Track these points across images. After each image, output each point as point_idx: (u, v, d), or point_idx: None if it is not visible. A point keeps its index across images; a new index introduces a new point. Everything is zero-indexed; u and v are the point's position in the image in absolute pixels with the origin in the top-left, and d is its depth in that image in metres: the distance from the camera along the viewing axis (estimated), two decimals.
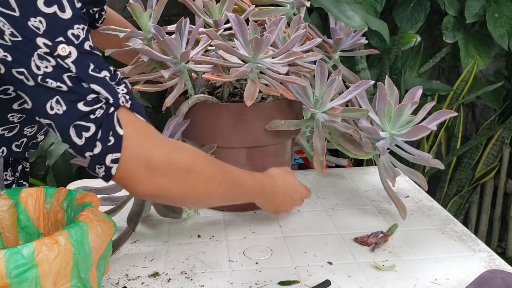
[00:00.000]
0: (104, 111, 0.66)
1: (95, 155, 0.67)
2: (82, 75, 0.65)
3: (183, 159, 0.73)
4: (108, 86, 0.67)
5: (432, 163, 0.99)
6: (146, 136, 0.70)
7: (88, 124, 0.66)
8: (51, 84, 0.64)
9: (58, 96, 0.65)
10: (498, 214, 2.47)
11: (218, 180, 0.79)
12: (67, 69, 0.65)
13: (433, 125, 0.94)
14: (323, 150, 0.98)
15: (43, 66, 0.64)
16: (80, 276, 0.62)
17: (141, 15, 1.00)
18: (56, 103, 0.65)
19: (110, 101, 0.67)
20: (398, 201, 1.02)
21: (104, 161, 0.67)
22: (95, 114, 0.66)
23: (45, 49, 0.64)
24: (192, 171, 0.74)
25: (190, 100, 0.98)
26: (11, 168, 0.89)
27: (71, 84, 0.65)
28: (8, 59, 0.64)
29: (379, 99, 0.97)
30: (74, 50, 0.65)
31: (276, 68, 0.94)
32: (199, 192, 0.77)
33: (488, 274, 0.78)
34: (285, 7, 1.12)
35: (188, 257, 0.90)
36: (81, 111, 0.65)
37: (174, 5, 1.52)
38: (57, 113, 0.65)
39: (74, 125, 0.65)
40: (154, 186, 0.70)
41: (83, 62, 0.66)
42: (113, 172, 0.68)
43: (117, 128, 0.67)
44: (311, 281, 0.82)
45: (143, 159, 0.68)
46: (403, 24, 2.14)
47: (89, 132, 0.66)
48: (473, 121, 2.63)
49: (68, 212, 0.72)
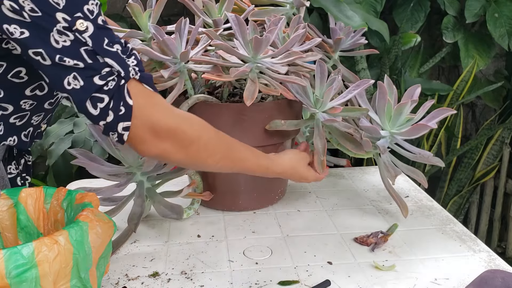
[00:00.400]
0: (116, 83, 0.71)
1: (108, 123, 0.72)
2: (97, 49, 0.70)
3: (188, 130, 0.78)
4: (120, 59, 0.71)
5: (432, 161, 0.99)
6: (154, 105, 0.75)
7: (102, 96, 0.71)
8: (68, 63, 0.68)
9: (75, 73, 0.69)
10: (498, 214, 2.47)
11: (219, 156, 0.83)
12: (84, 43, 0.69)
13: (433, 123, 0.94)
14: (324, 149, 0.98)
15: (61, 41, 0.68)
16: (80, 276, 0.62)
17: (140, 15, 1.00)
18: (74, 79, 0.69)
19: (122, 74, 0.71)
20: (399, 199, 1.02)
21: (116, 129, 0.72)
22: (108, 86, 0.71)
23: (64, 24, 0.67)
24: (194, 143, 0.79)
25: (189, 100, 0.98)
26: (15, 161, 0.90)
27: (87, 57, 0.69)
28: (25, 35, 0.67)
29: (379, 98, 0.97)
30: (91, 25, 0.69)
31: (276, 68, 0.94)
32: (200, 162, 0.82)
33: (488, 274, 0.77)
34: (284, 7, 1.12)
35: (188, 257, 0.90)
36: (97, 84, 0.70)
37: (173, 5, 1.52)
38: (75, 88, 0.70)
39: (91, 98, 0.70)
40: (159, 149, 0.76)
41: (98, 37, 0.70)
42: (125, 138, 0.73)
43: (127, 99, 0.72)
44: (311, 281, 0.82)
45: (150, 126, 0.74)
46: (403, 24, 2.14)
47: (103, 102, 0.71)
48: (473, 121, 2.63)
49: (68, 212, 0.72)
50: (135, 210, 0.94)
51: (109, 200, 0.98)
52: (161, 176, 0.99)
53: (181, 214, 0.97)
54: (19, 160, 0.91)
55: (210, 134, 0.82)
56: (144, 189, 0.97)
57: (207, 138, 0.81)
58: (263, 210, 1.09)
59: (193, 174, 1.05)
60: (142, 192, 0.97)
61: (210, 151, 0.82)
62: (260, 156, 0.91)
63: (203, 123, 0.82)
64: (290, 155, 0.97)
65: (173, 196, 0.99)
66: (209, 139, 0.82)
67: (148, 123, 0.73)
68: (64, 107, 1.89)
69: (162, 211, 0.96)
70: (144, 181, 0.97)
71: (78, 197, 0.72)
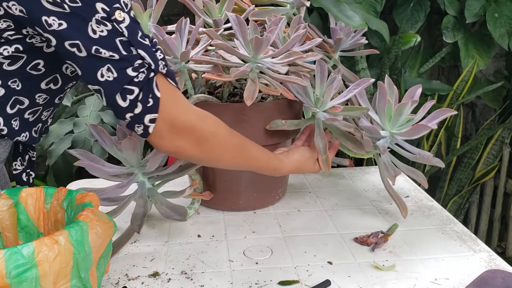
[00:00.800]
0: (145, 75, 0.72)
1: (136, 115, 0.73)
2: (132, 40, 0.71)
3: (204, 128, 0.80)
4: (151, 52, 0.73)
5: (432, 161, 0.99)
6: (176, 102, 0.77)
7: (133, 87, 0.72)
8: (104, 54, 0.69)
9: (109, 64, 0.70)
10: (498, 214, 2.47)
11: (232, 154, 0.86)
12: (121, 33, 0.70)
13: (433, 123, 0.94)
14: (325, 148, 0.98)
15: (99, 31, 0.69)
16: (80, 276, 0.62)
17: (141, 15, 1.00)
18: (107, 70, 0.70)
19: (152, 67, 0.73)
20: (399, 199, 1.02)
21: (143, 120, 0.73)
22: (138, 78, 0.72)
23: (103, 14, 0.69)
24: (210, 140, 0.81)
25: (190, 100, 0.97)
26: (20, 157, 0.90)
27: (122, 49, 0.70)
28: (63, 26, 0.68)
29: (379, 98, 0.97)
30: (127, 17, 0.71)
31: (276, 68, 0.94)
32: (214, 159, 0.85)
33: (488, 274, 0.78)
34: (285, 7, 1.12)
35: (188, 257, 0.90)
36: (130, 76, 0.71)
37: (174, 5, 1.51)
38: (108, 80, 0.71)
39: (122, 90, 0.71)
40: (174, 146, 0.78)
41: (133, 28, 0.71)
42: (151, 130, 0.74)
43: (156, 91, 0.73)
44: (311, 281, 0.82)
45: (171, 122, 0.75)
46: (403, 24, 2.14)
47: (133, 94, 0.72)
48: (473, 121, 2.63)
49: (68, 212, 0.72)
50: (138, 211, 0.94)
51: (109, 200, 0.97)
52: (162, 177, 0.99)
53: (184, 216, 0.97)
54: (24, 156, 0.92)
55: (224, 132, 0.84)
56: (145, 189, 0.97)
57: (221, 135, 0.83)
58: (263, 210, 1.09)
59: (193, 174, 1.05)
60: (144, 192, 0.97)
61: (224, 148, 0.84)
62: (270, 156, 0.93)
63: (218, 121, 0.84)
64: (298, 155, 0.98)
65: (174, 197, 0.99)
66: (223, 137, 0.83)
67: (169, 118, 0.75)
68: (64, 107, 1.89)
69: (164, 212, 0.96)
70: (146, 181, 0.97)
71: (78, 197, 0.72)
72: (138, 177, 0.97)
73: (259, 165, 0.91)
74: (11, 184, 0.95)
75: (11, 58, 0.76)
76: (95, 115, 1.79)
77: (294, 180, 1.23)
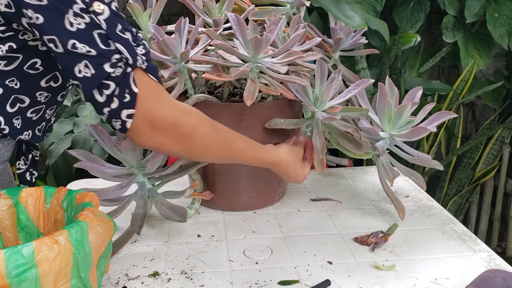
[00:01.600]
0: (122, 70, 0.71)
1: (113, 110, 0.72)
2: (111, 33, 0.70)
3: (186, 125, 0.79)
4: (130, 47, 0.72)
5: (431, 164, 0.99)
6: (156, 98, 0.76)
7: (109, 82, 0.71)
8: (81, 50, 0.68)
9: (87, 61, 0.69)
10: (498, 213, 2.47)
11: (217, 149, 0.85)
12: (99, 25, 0.69)
13: (432, 126, 0.94)
14: (322, 148, 0.98)
15: (76, 23, 0.68)
16: (80, 276, 0.62)
17: (140, 14, 1.00)
18: (85, 67, 0.70)
19: (130, 62, 0.72)
20: (396, 201, 1.02)
21: (120, 116, 0.73)
22: (115, 73, 0.71)
23: (81, 5, 0.68)
24: (192, 137, 0.80)
25: (190, 100, 0.97)
26: (23, 156, 0.90)
27: (100, 42, 0.69)
28: (39, 21, 0.67)
29: (380, 99, 0.97)
30: (107, 9, 0.70)
31: (276, 67, 0.94)
32: (197, 155, 0.85)
33: (488, 273, 0.78)
34: (284, 7, 1.12)
35: (188, 257, 0.90)
36: (107, 72, 0.70)
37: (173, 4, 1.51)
38: (86, 76, 0.70)
39: (99, 85, 0.71)
40: (155, 142, 0.77)
41: (113, 21, 0.70)
42: (128, 126, 0.74)
43: (133, 87, 0.72)
44: (311, 280, 0.82)
45: (149, 118, 0.74)
46: (403, 23, 2.14)
47: (109, 89, 0.71)
48: (473, 120, 2.63)
49: (68, 212, 0.72)
50: (138, 212, 0.94)
51: (109, 200, 0.97)
52: (162, 177, 0.99)
53: (184, 216, 0.96)
54: (27, 156, 0.92)
55: (207, 127, 0.82)
56: (146, 190, 0.97)
57: (203, 132, 0.82)
58: (263, 210, 1.09)
59: (194, 174, 1.05)
60: (144, 193, 0.96)
61: (207, 145, 0.83)
62: (257, 147, 0.93)
63: (202, 117, 0.82)
64: (287, 149, 0.98)
65: (174, 197, 0.99)
66: (206, 133, 0.82)
67: (148, 114, 0.74)
68: (64, 106, 1.89)
69: (164, 213, 0.96)
70: (146, 182, 0.97)
71: (78, 197, 0.72)
72: (138, 178, 0.97)
73: (246, 157, 0.91)
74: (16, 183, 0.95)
75: (7, 59, 0.76)
76: (95, 115, 1.79)
77: None
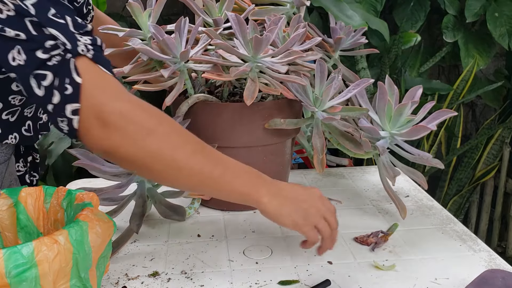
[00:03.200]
0: (61, 58, 0.63)
1: (56, 105, 0.63)
2: (41, 18, 0.62)
3: (144, 118, 0.66)
4: (68, 32, 0.64)
5: (432, 162, 0.99)
6: (105, 87, 0.65)
7: (45, 72, 0.63)
8: (9, 33, 0.62)
9: (19, 46, 0.62)
10: (498, 213, 2.47)
11: (190, 149, 0.69)
12: (26, 11, 0.62)
13: (433, 124, 0.94)
14: (322, 148, 0.98)
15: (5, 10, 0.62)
16: (79, 276, 0.62)
17: (140, 14, 1.00)
18: (18, 53, 0.63)
19: (67, 47, 0.63)
20: (398, 200, 1.02)
21: (64, 113, 0.63)
22: (51, 61, 0.63)
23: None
24: (154, 132, 0.66)
25: (190, 99, 0.97)
26: (22, 159, 0.89)
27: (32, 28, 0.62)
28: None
29: (379, 99, 0.97)
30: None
31: (276, 67, 0.94)
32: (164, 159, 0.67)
33: (488, 273, 0.77)
34: (285, 6, 1.12)
35: (188, 257, 0.90)
36: (40, 58, 0.63)
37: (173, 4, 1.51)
38: (19, 64, 0.63)
39: (35, 75, 0.63)
40: (107, 142, 0.64)
41: (43, 5, 0.63)
42: (75, 125, 0.64)
43: (74, 76, 0.63)
44: (311, 280, 0.82)
45: (98, 111, 0.63)
46: (403, 23, 2.14)
47: (46, 80, 0.63)
48: (473, 120, 2.63)
49: (68, 212, 0.72)
50: (137, 211, 0.94)
51: (109, 200, 0.97)
52: None
53: (183, 215, 0.97)
54: (26, 158, 0.91)
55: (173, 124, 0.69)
56: (145, 189, 0.97)
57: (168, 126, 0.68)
58: None
59: None
60: (143, 192, 0.96)
61: (175, 142, 0.68)
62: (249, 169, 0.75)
63: (162, 112, 0.69)
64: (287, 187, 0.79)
65: (174, 196, 0.99)
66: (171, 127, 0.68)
67: (95, 107, 0.63)
68: None
69: (163, 212, 0.96)
70: (145, 181, 0.97)
71: (78, 197, 0.72)
72: (138, 177, 0.97)
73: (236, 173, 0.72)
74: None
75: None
76: None
77: (293, 180, 1.23)
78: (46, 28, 0.63)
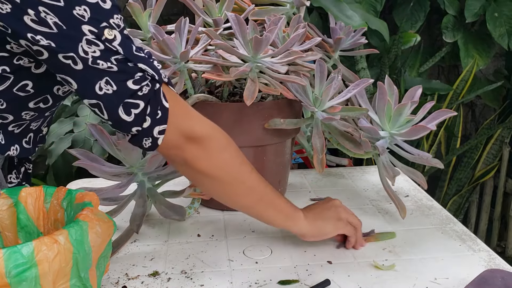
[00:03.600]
0: (150, 87, 0.71)
1: (144, 129, 0.71)
2: (129, 55, 0.69)
3: (221, 137, 0.78)
4: (150, 63, 0.71)
5: (431, 162, 0.99)
6: (187, 111, 0.76)
7: (137, 101, 0.70)
8: (102, 66, 0.67)
9: (108, 77, 0.68)
10: (498, 213, 2.47)
11: (249, 167, 0.82)
12: (115, 51, 0.68)
13: (432, 124, 0.94)
14: (322, 148, 0.98)
15: (91, 51, 0.66)
16: (79, 276, 0.62)
17: (140, 14, 1.00)
18: (106, 83, 0.68)
19: (156, 78, 0.71)
20: (397, 200, 1.02)
21: (152, 133, 0.72)
22: (142, 91, 0.70)
23: (91, 36, 0.66)
24: (227, 149, 0.79)
25: (190, 99, 0.97)
26: (15, 170, 0.89)
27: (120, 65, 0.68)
28: (52, 45, 0.65)
29: (379, 99, 0.97)
30: (118, 34, 0.68)
31: (276, 67, 0.94)
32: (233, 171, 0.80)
33: (487, 273, 0.78)
34: (284, 7, 1.12)
35: (188, 257, 0.90)
36: (131, 89, 0.69)
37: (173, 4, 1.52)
38: (107, 93, 0.68)
39: (124, 103, 0.69)
40: (190, 154, 0.75)
41: (127, 44, 0.69)
42: (159, 142, 0.73)
43: (164, 102, 0.72)
44: (311, 280, 0.82)
45: (185, 130, 0.74)
46: (403, 23, 2.14)
47: (138, 108, 0.70)
48: (472, 120, 2.64)
49: (68, 212, 0.72)
50: (137, 211, 0.94)
51: (109, 199, 0.98)
52: (162, 176, 0.99)
53: (183, 215, 0.97)
54: (20, 169, 0.90)
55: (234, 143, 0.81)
56: (145, 189, 0.97)
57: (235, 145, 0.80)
58: None
59: None
60: (144, 192, 0.97)
61: (240, 159, 0.81)
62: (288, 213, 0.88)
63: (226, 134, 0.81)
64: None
65: (174, 196, 0.99)
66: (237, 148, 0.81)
67: (183, 127, 0.74)
68: (64, 106, 1.89)
69: (163, 212, 0.96)
70: (145, 181, 0.97)
71: (78, 197, 0.72)
72: (138, 177, 0.97)
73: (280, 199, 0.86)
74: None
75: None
76: (94, 115, 1.79)
77: (294, 180, 1.23)
78: (134, 64, 0.69)
